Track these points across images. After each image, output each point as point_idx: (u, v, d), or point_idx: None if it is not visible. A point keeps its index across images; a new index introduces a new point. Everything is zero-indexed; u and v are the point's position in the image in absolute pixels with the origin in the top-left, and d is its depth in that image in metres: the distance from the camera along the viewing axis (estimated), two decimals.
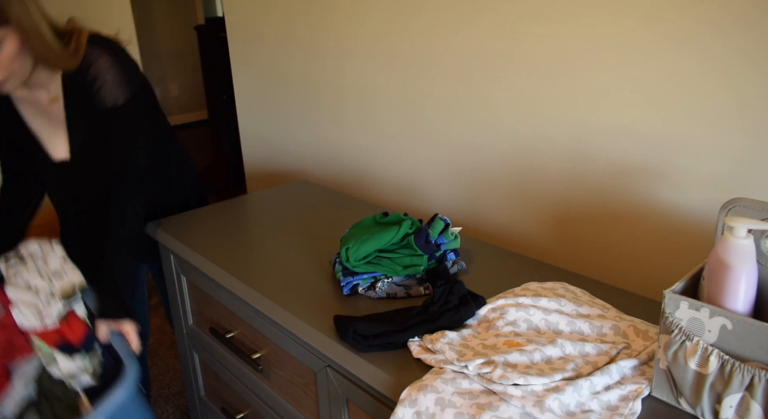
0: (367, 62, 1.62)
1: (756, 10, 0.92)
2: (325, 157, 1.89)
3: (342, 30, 1.66)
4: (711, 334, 0.69)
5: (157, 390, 2.20)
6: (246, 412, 1.35)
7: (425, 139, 1.54)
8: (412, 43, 1.48)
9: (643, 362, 0.82)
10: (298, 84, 1.89)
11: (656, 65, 1.06)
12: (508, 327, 0.90)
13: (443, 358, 0.82)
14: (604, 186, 1.20)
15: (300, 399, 1.12)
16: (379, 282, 1.05)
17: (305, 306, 1.02)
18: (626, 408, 0.74)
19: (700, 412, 0.72)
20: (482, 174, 1.42)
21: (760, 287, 0.72)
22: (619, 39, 1.09)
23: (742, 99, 0.97)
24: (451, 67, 1.41)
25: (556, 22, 1.18)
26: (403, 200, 1.66)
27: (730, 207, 0.75)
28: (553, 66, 1.21)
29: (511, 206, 1.39)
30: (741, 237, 0.69)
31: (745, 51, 0.95)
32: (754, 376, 0.66)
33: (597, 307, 0.95)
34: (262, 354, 1.19)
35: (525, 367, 0.79)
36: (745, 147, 0.99)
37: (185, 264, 1.35)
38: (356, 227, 1.17)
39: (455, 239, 1.11)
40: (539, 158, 1.29)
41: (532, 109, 1.27)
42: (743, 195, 1.00)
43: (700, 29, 0.99)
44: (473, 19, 1.32)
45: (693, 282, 0.77)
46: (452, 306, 0.92)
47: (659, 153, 1.10)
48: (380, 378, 0.85)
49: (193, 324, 1.45)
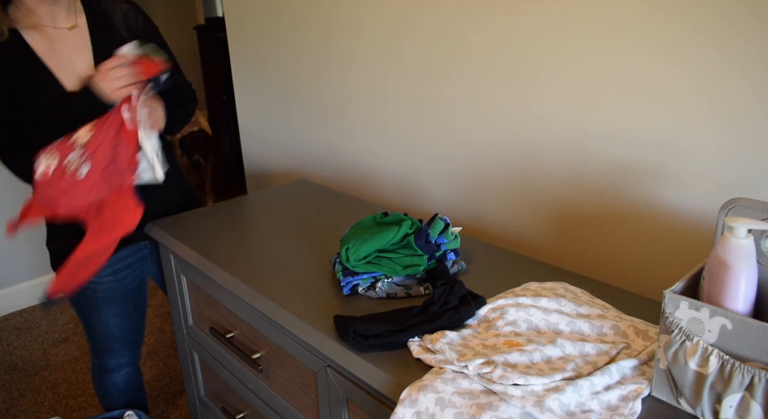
0: (367, 62, 1.62)
1: (751, 14, 0.92)
2: (325, 157, 1.89)
3: (343, 30, 1.66)
4: (711, 334, 0.69)
5: (157, 390, 2.20)
6: (246, 412, 1.35)
7: (425, 139, 1.54)
8: (413, 43, 1.48)
9: (643, 362, 0.82)
10: (298, 84, 1.89)
11: (656, 66, 1.06)
12: (508, 327, 0.90)
13: (443, 358, 0.82)
14: (604, 186, 1.20)
15: (300, 399, 1.12)
16: (379, 282, 1.05)
17: (305, 306, 1.02)
18: (626, 408, 0.74)
19: (700, 412, 0.72)
20: (482, 174, 1.42)
21: (760, 287, 0.72)
22: (619, 39, 1.09)
23: (742, 99, 0.98)
24: (451, 68, 1.41)
25: (557, 23, 1.18)
26: (403, 200, 1.66)
27: (730, 207, 0.75)
28: (554, 66, 1.21)
29: (511, 206, 1.39)
30: (741, 237, 0.69)
31: (744, 52, 0.95)
32: (754, 376, 0.66)
33: (597, 307, 0.95)
34: (262, 354, 1.19)
35: (525, 367, 0.79)
36: (745, 147, 0.99)
37: (185, 264, 1.35)
38: (356, 227, 1.17)
39: (455, 239, 1.11)
40: (539, 158, 1.29)
41: (532, 109, 1.27)
42: (743, 195, 1.00)
43: (700, 31, 0.99)
44: (474, 20, 1.32)
45: (693, 282, 0.77)
46: (452, 306, 0.92)
47: (659, 153, 1.10)
48: (380, 378, 0.85)
49: (193, 324, 1.45)
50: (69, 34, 1.32)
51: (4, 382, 2.28)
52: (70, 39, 1.33)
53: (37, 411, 2.11)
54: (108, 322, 1.52)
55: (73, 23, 1.33)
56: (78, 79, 1.32)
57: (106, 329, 1.53)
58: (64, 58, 1.31)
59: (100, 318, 1.51)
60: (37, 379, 2.29)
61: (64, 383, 2.25)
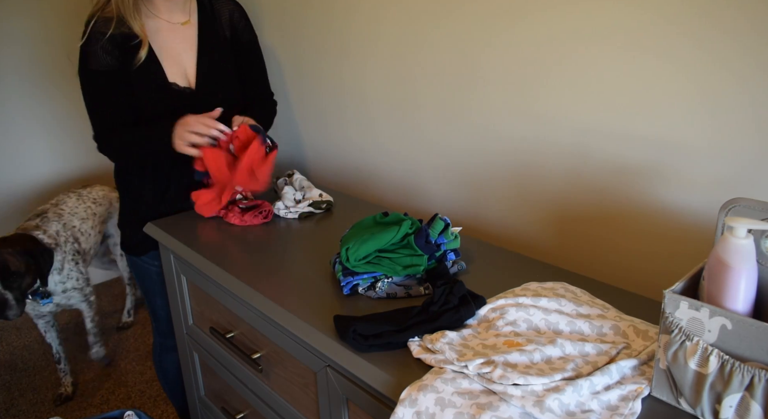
0: (367, 62, 1.62)
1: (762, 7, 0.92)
2: (325, 157, 1.89)
3: (343, 30, 1.66)
4: (711, 334, 0.69)
5: (157, 390, 2.20)
6: (246, 412, 1.35)
7: (425, 139, 1.54)
8: (412, 43, 1.48)
9: (643, 362, 0.82)
10: (298, 84, 1.89)
11: (656, 66, 1.06)
12: (508, 327, 0.90)
13: (443, 358, 0.82)
14: (604, 186, 1.20)
15: (300, 399, 1.12)
16: (379, 282, 1.05)
17: (305, 306, 1.02)
18: (626, 408, 0.74)
19: (700, 412, 0.72)
20: (482, 174, 1.42)
21: (760, 287, 0.72)
22: (619, 39, 1.09)
23: (742, 99, 0.97)
24: (450, 68, 1.41)
25: (557, 23, 1.18)
26: (403, 200, 1.66)
27: (730, 207, 0.75)
28: (554, 66, 1.21)
29: (511, 206, 1.39)
30: (741, 237, 0.69)
31: (744, 53, 0.95)
32: (754, 376, 0.66)
33: (597, 307, 0.95)
34: (262, 354, 1.19)
35: (525, 367, 0.79)
36: (745, 147, 0.99)
37: (185, 264, 1.35)
38: (356, 227, 1.17)
39: (455, 239, 1.11)
40: (539, 158, 1.29)
41: (532, 109, 1.27)
42: (743, 195, 1.00)
43: (700, 31, 0.99)
44: (474, 19, 1.32)
45: (693, 282, 0.77)
46: (452, 306, 0.92)
47: (659, 153, 1.10)
48: (380, 378, 0.85)
49: (193, 324, 1.45)
50: (181, 29, 1.46)
51: (4, 382, 2.28)
52: (181, 33, 1.46)
53: (37, 411, 2.11)
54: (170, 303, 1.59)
55: (186, 19, 1.46)
56: (183, 72, 1.45)
57: (169, 309, 1.60)
58: (172, 50, 1.44)
59: (163, 299, 1.60)
60: (37, 379, 2.29)
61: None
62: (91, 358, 2.31)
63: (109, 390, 2.22)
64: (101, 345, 2.29)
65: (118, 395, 2.19)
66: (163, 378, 1.79)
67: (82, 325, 2.30)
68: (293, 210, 1.44)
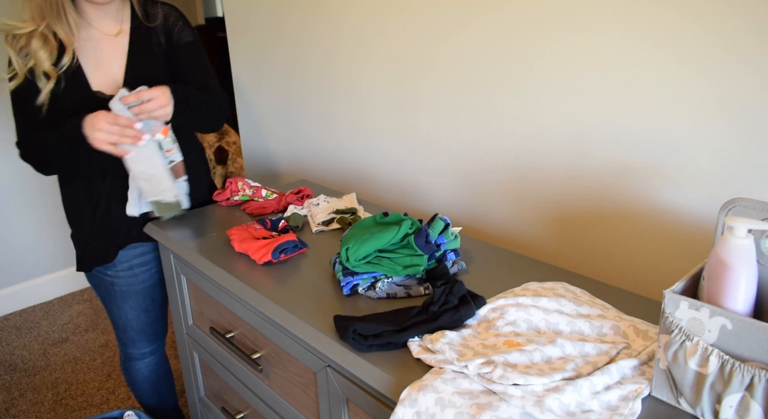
0: (367, 62, 1.62)
1: (759, 9, 0.92)
2: (325, 157, 1.89)
3: (343, 30, 1.66)
4: (711, 334, 0.69)
5: None
6: (246, 412, 1.35)
7: (426, 139, 1.54)
8: (412, 42, 1.48)
9: (643, 362, 0.82)
10: (299, 84, 1.89)
11: (656, 66, 1.06)
12: (508, 327, 0.90)
13: (443, 358, 0.82)
14: (604, 186, 1.20)
15: (300, 399, 1.12)
16: (379, 282, 1.05)
17: (305, 306, 1.02)
18: (626, 408, 0.74)
19: (700, 412, 0.72)
20: (482, 174, 1.42)
21: (760, 287, 0.72)
22: (619, 39, 1.09)
23: (742, 99, 0.98)
24: (451, 68, 1.41)
25: (557, 23, 1.18)
26: (403, 200, 1.66)
27: (730, 207, 0.75)
28: (554, 66, 1.21)
29: (511, 206, 1.39)
30: (741, 237, 0.69)
31: (745, 52, 0.95)
32: (754, 376, 0.66)
33: (597, 307, 0.95)
34: (262, 354, 1.19)
35: (525, 367, 0.79)
36: (745, 147, 0.99)
37: (185, 264, 1.35)
38: (356, 227, 1.17)
39: (455, 239, 1.11)
40: (540, 158, 1.29)
41: (532, 109, 1.27)
42: (743, 195, 1.00)
43: (699, 32, 0.99)
44: (474, 20, 1.32)
45: (693, 282, 0.77)
46: (452, 306, 0.92)
47: (659, 153, 1.10)
48: (380, 378, 0.85)
49: (193, 324, 1.45)
50: (112, 39, 1.42)
51: (4, 382, 2.28)
52: (112, 43, 1.42)
53: (37, 411, 2.11)
54: (126, 314, 1.60)
55: (118, 29, 1.42)
56: (111, 80, 1.41)
57: (126, 320, 1.60)
58: (103, 59, 1.40)
59: (119, 310, 1.59)
60: (37, 379, 2.29)
61: (64, 383, 2.25)
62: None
63: (109, 390, 2.22)
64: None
65: (118, 395, 2.19)
66: (132, 387, 1.76)
67: (83, 324, 2.28)
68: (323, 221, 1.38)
